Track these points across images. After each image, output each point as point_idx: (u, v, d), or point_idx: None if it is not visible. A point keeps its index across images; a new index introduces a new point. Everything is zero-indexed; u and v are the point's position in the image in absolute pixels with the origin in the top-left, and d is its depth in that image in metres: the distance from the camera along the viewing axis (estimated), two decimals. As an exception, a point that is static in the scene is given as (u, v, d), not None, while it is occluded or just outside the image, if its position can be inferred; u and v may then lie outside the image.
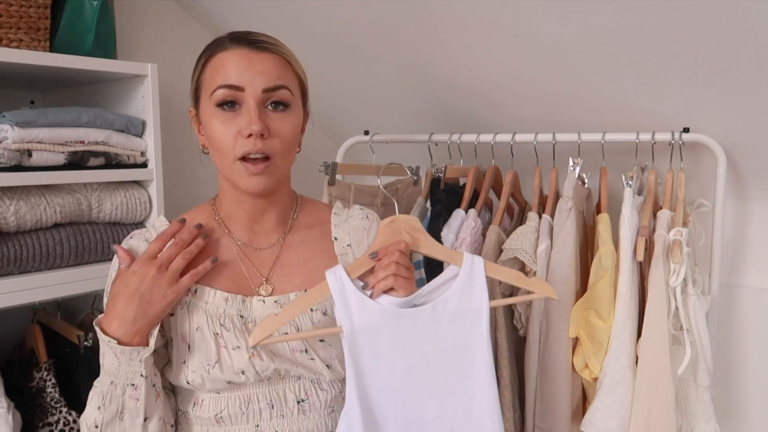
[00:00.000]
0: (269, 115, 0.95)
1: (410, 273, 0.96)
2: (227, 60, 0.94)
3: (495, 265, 1.02)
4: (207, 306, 0.97)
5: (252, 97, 0.93)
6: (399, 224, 0.99)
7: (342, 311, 0.92)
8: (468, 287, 0.96)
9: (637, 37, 1.22)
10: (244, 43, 0.95)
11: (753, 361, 1.53)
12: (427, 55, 1.56)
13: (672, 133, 1.36)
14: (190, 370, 0.95)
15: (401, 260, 0.95)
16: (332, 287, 0.93)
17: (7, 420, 1.21)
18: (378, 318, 0.93)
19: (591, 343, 1.26)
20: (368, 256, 0.97)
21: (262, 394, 0.97)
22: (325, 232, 1.08)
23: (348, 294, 0.93)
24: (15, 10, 1.36)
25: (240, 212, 1.03)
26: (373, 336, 0.93)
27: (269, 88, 0.94)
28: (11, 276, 1.26)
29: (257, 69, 0.94)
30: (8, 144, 1.22)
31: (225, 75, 0.93)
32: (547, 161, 1.47)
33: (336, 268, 0.94)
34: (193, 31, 1.89)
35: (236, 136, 0.93)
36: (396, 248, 0.96)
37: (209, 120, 0.95)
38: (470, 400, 0.97)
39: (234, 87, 0.93)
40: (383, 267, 0.94)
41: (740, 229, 1.53)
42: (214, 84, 0.94)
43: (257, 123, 0.91)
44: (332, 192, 1.58)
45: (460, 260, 0.98)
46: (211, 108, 0.95)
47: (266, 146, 0.93)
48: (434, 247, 1.02)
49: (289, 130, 0.96)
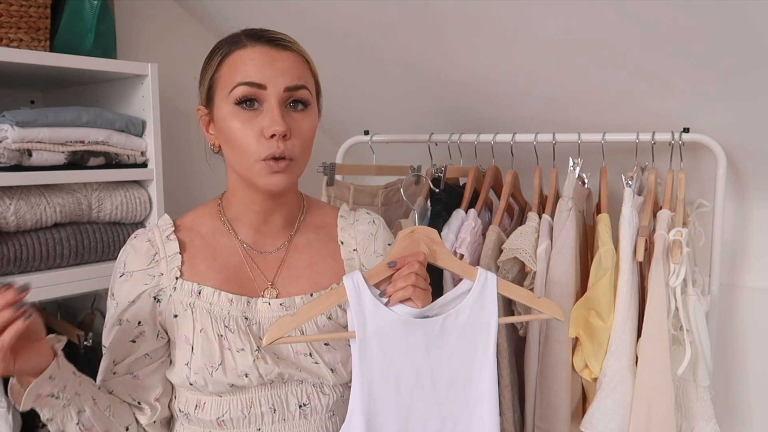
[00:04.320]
0: (290, 114, 0.93)
1: (428, 285, 0.96)
2: (247, 57, 0.92)
3: (507, 283, 1.02)
4: (211, 307, 0.96)
5: (274, 96, 0.91)
6: (418, 235, 0.99)
7: (356, 316, 0.92)
8: (479, 302, 0.97)
9: (637, 37, 1.22)
10: (263, 41, 0.94)
11: (753, 361, 1.52)
12: (428, 54, 1.56)
13: (672, 133, 1.36)
14: (192, 372, 0.94)
15: (420, 272, 0.95)
16: (349, 292, 0.93)
17: (7, 420, 1.21)
18: (391, 326, 0.93)
19: (591, 343, 1.26)
20: (386, 264, 0.96)
21: (264, 397, 0.96)
22: (331, 234, 1.08)
23: (364, 300, 0.93)
24: (15, 10, 1.36)
25: (249, 213, 1.01)
26: (385, 343, 0.93)
27: (291, 87, 0.92)
28: (11, 276, 1.26)
29: (279, 67, 0.92)
30: (8, 144, 1.22)
31: (245, 72, 0.92)
32: (547, 161, 1.47)
33: (354, 273, 0.94)
34: (193, 31, 1.89)
35: (258, 137, 0.91)
36: (416, 259, 0.95)
37: (227, 119, 0.93)
38: (470, 415, 0.97)
39: (256, 84, 0.91)
40: (403, 277, 0.94)
41: (740, 229, 1.53)
42: (233, 81, 0.92)
43: (281, 123, 0.90)
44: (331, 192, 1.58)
45: (474, 275, 0.98)
46: (229, 106, 0.93)
47: (288, 147, 0.91)
48: (451, 260, 1.02)
49: (309, 129, 0.95)
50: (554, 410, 1.31)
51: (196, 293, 0.97)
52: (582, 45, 1.30)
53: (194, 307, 0.96)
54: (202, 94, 0.99)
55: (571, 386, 1.31)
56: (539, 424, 1.33)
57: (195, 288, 0.97)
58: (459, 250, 1.34)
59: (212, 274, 0.98)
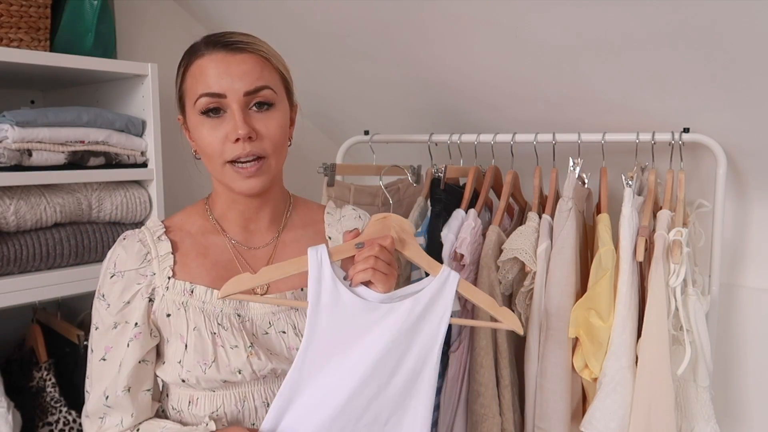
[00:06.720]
0: (254, 116, 0.95)
1: (390, 269, 0.96)
2: (205, 66, 0.94)
3: (469, 285, 1.03)
4: (204, 305, 0.97)
5: (235, 102, 0.93)
6: (390, 222, 1.00)
7: (313, 288, 0.93)
8: (435, 299, 0.97)
9: (637, 37, 1.22)
10: (219, 47, 0.94)
11: (753, 361, 1.52)
12: (428, 55, 1.56)
13: (672, 134, 1.36)
14: (185, 370, 0.95)
15: (381, 255, 0.95)
16: (311, 263, 0.94)
17: (7, 420, 1.21)
18: (344, 305, 0.94)
19: (591, 343, 1.26)
20: (354, 245, 0.97)
21: (257, 392, 0.98)
22: (318, 231, 1.10)
23: (324, 273, 0.94)
24: (15, 10, 1.36)
25: (234, 212, 1.03)
26: (335, 320, 0.93)
27: (250, 91, 0.94)
28: (11, 276, 1.27)
29: (235, 72, 0.93)
30: (8, 144, 1.23)
31: (205, 83, 0.93)
32: (547, 161, 1.47)
33: (320, 246, 0.95)
34: (193, 31, 1.87)
35: (224, 141, 0.93)
36: (380, 243, 0.96)
37: (196, 127, 0.96)
38: (405, 411, 0.96)
39: (215, 95, 0.93)
40: (363, 259, 0.95)
41: (740, 229, 1.53)
42: (195, 93, 0.94)
43: (243, 127, 0.92)
44: (331, 193, 1.58)
45: (437, 271, 0.99)
46: (196, 116, 0.95)
47: (256, 148, 0.93)
48: (418, 252, 1.02)
49: (277, 128, 0.96)
50: (554, 410, 1.31)
51: (188, 292, 0.98)
52: (582, 45, 1.31)
53: (187, 306, 0.97)
54: (176, 103, 1.02)
55: (571, 386, 1.31)
56: (539, 424, 1.33)
57: (187, 287, 0.98)
58: (459, 250, 1.34)
59: (204, 273, 1.00)
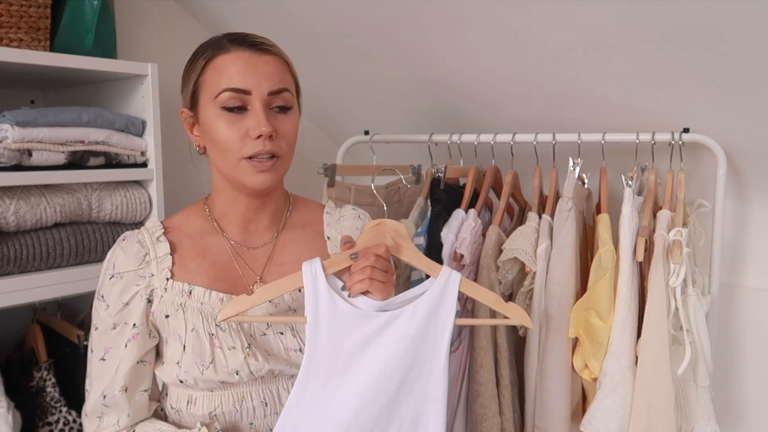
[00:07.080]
0: (274, 116, 0.96)
1: (387, 277, 0.96)
2: (230, 62, 0.94)
3: (472, 284, 1.02)
4: (202, 307, 0.97)
5: (258, 100, 0.94)
6: (384, 228, 1.00)
7: (311, 303, 0.93)
8: (438, 300, 0.96)
9: (637, 37, 1.22)
10: (245, 45, 0.95)
11: (753, 361, 1.53)
12: (428, 55, 1.56)
13: (672, 134, 1.36)
14: (183, 370, 0.95)
15: (377, 264, 0.95)
16: (306, 278, 0.94)
17: (7, 420, 1.21)
18: (344, 317, 0.94)
19: (591, 343, 1.26)
20: (348, 255, 0.97)
21: (255, 392, 0.98)
22: (317, 231, 1.10)
23: (319, 287, 0.94)
24: (15, 10, 1.36)
25: (234, 212, 1.03)
26: (336, 333, 0.93)
27: (274, 91, 0.95)
28: (11, 276, 1.26)
29: (262, 71, 0.95)
30: (8, 143, 1.23)
31: (230, 78, 0.94)
32: (547, 161, 1.47)
33: (314, 260, 0.95)
34: (193, 31, 1.89)
35: (243, 137, 0.94)
36: (374, 252, 0.96)
37: (213, 121, 0.95)
38: (417, 416, 0.96)
39: (241, 90, 0.93)
40: (359, 270, 0.95)
41: (740, 229, 1.53)
42: (218, 86, 0.94)
43: (267, 125, 0.93)
44: (332, 193, 1.58)
45: (438, 272, 0.98)
46: (215, 110, 0.95)
47: (274, 146, 0.94)
48: (416, 256, 1.01)
49: (293, 130, 0.98)
50: (554, 410, 1.31)
51: (186, 293, 0.98)
52: (582, 46, 1.31)
53: (185, 307, 0.97)
54: (186, 97, 1.01)
55: (570, 386, 1.31)
56: (539, 424, 1.33)
57: (186, 288, 0.98)
58: (459, 250, 1.35)
59: (202, 273, 1.00)
